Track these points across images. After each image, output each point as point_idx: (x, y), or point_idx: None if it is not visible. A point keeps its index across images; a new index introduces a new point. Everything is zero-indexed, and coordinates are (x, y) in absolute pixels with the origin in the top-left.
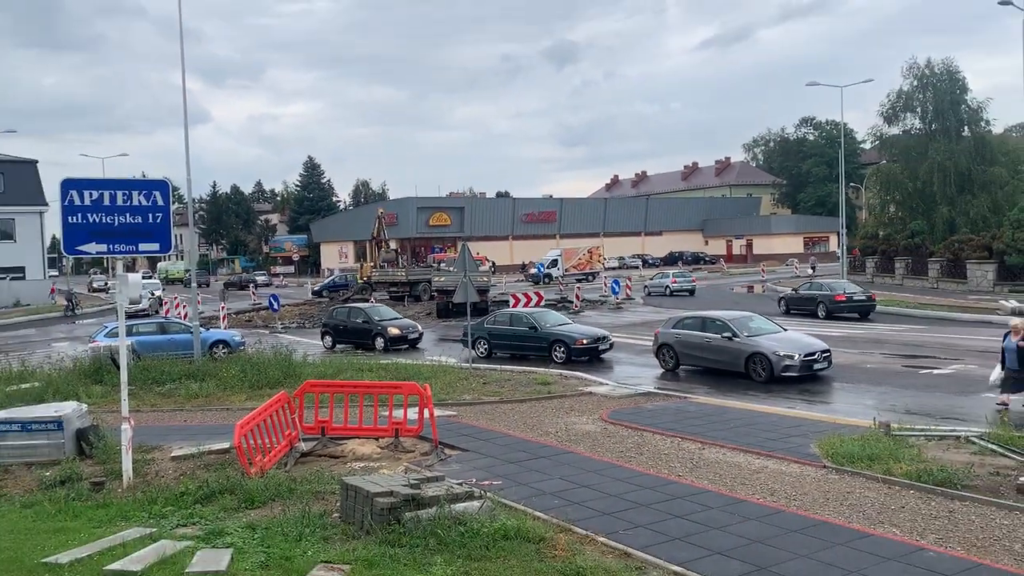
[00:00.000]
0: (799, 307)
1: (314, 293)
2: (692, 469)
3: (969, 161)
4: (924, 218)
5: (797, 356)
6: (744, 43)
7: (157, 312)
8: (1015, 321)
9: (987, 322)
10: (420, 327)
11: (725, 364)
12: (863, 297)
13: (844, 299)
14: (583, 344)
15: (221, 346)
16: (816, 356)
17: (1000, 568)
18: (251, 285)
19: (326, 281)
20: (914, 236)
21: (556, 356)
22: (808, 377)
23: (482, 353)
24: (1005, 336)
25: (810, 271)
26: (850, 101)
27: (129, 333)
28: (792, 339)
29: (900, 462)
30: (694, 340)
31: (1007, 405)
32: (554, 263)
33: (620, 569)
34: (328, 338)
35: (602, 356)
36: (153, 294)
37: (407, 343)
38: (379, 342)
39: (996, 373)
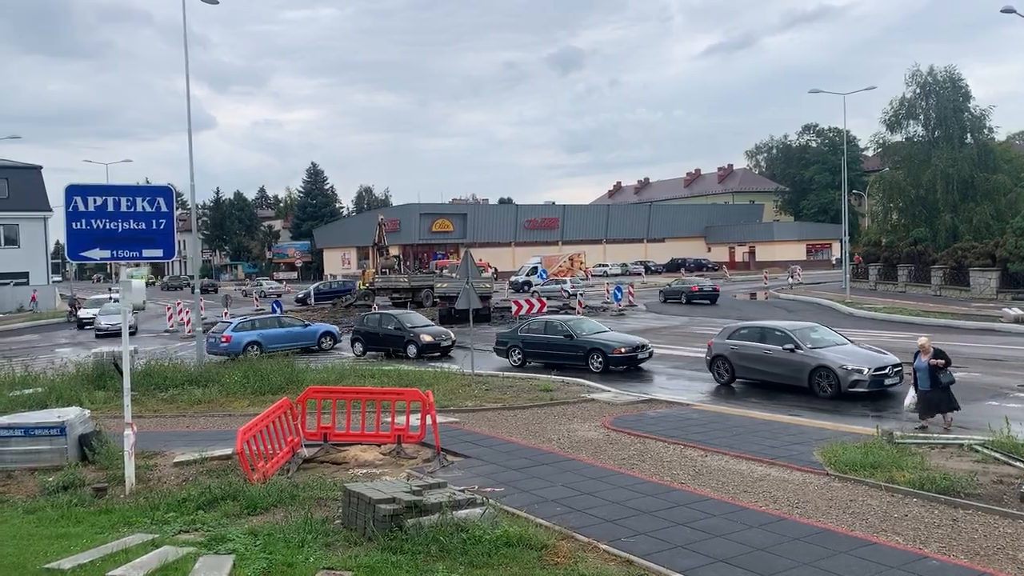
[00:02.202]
0: (672, 297)
1: (298, 301)
2: (695, 476)
3: (972, 168)
4: (927, 225)
5: (867, 371)
6: (748, 51)
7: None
8: (922, 340)
9: (990, 330)
10: (453, 334)
11: (786, 378)
12: (709, 289)
13: (697, 290)
14: (621, 353)
15: (328, 337)
16: (887, 371)
17: None
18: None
19: (310, 288)
20: (917, 243)
21: (593, 365)
22: (877, 393)
23: (516, 362)
24: (915, 356)
25: (790, 279)
26: (853, 108)
27: (252, 327)
28: (859, 352)
29: (903, 470)
30: (752, 352)
31: (926, 428)
32: (534, 270)
33: None
34: (359, 345)
35: (641, 366)
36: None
37: (439, 351)
38: (411, 349)
39: (910, 397)
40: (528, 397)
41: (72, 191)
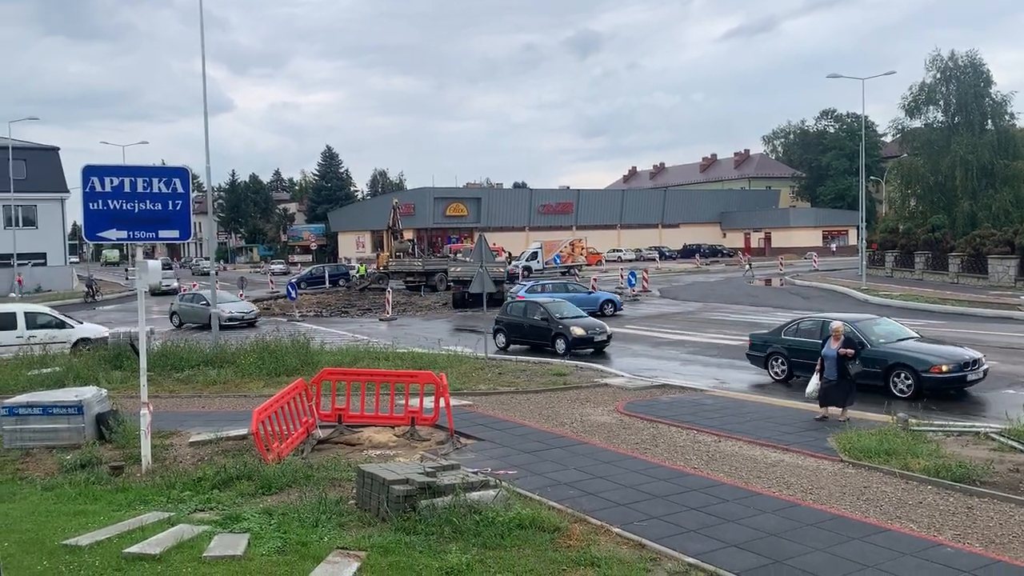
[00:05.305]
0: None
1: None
2: (708, 462)
3: (992, 155)
4: (945, 212)
5: None
6: (768, 34)
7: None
8: (835, 324)
9: (1008, 318)
10: (608, 328)
11: None
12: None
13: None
14: (942, 372)
15: (609, 304)
16: None
17: (1018, 565)
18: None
19: (303, 273)
20: (935, 230)
21: (897, 388)
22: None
23: (777, 375)
24: (824, 342)
25: (748, 270)
26: (872, 94)
27: (542, 290)
28: None
29: (918, 457)
30: None
31: (826, 418)
32: (534, 256)
33: (634, 560)
34: (501, 336)
35: (967, 389)
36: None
37: (592, 346)
38: (560, 344)
39: (813, 383)
40: (541, 381)
41: (89, 171)
